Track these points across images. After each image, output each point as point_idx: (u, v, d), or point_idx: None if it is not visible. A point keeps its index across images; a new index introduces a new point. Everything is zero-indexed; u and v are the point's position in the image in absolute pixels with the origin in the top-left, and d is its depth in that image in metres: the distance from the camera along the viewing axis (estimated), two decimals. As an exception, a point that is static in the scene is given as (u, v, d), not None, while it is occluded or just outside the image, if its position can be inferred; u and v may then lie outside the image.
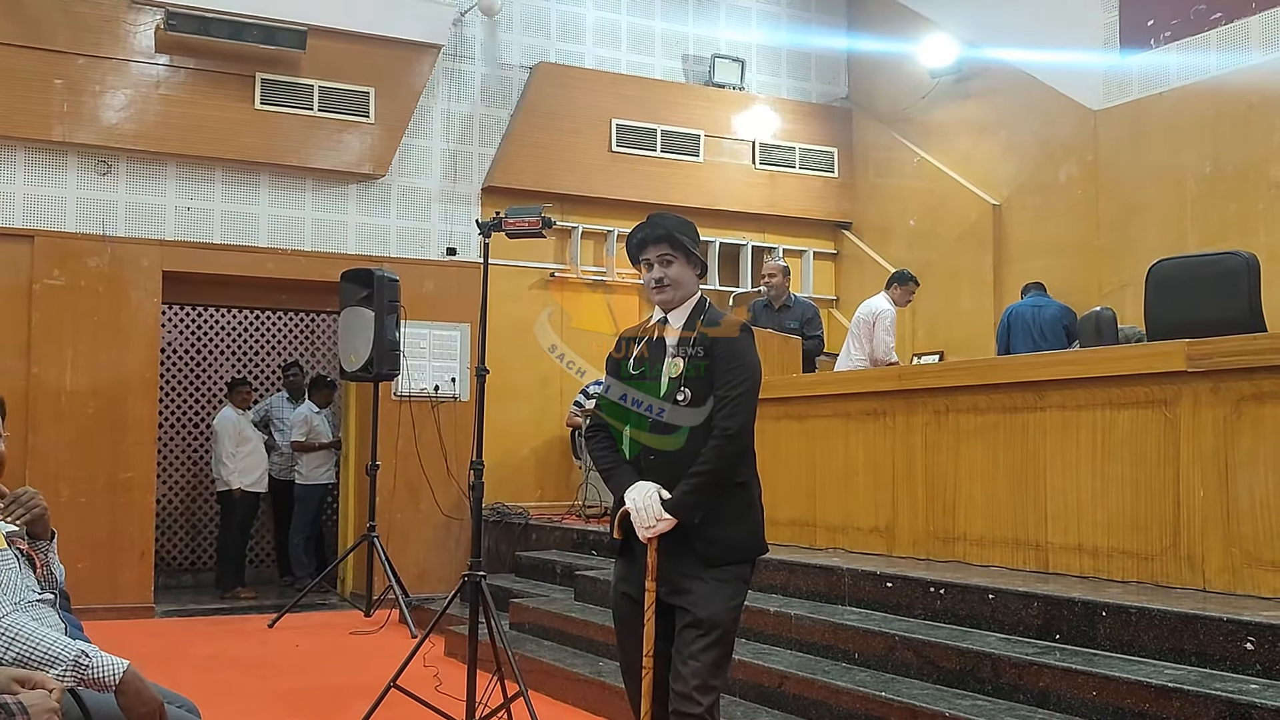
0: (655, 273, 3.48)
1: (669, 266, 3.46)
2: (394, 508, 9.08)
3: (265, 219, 9.07)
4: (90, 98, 8.44)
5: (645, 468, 3.40)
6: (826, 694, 4.60)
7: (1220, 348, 4.40)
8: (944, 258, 10.19)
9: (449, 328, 9.47)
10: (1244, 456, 4.31)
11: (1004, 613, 4.59)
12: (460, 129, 9.79)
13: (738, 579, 3.36)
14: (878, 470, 6.04)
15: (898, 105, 10.87)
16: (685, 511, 3.28)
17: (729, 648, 3.36)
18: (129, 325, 8.54)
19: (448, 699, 5.22)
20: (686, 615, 3.30)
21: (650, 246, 3.49)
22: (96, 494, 8.27)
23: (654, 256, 3.48)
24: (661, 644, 3.35)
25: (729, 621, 3.31)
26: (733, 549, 3.36)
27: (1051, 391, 5.11)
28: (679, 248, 3.47)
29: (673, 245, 3.46)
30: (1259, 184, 7.87)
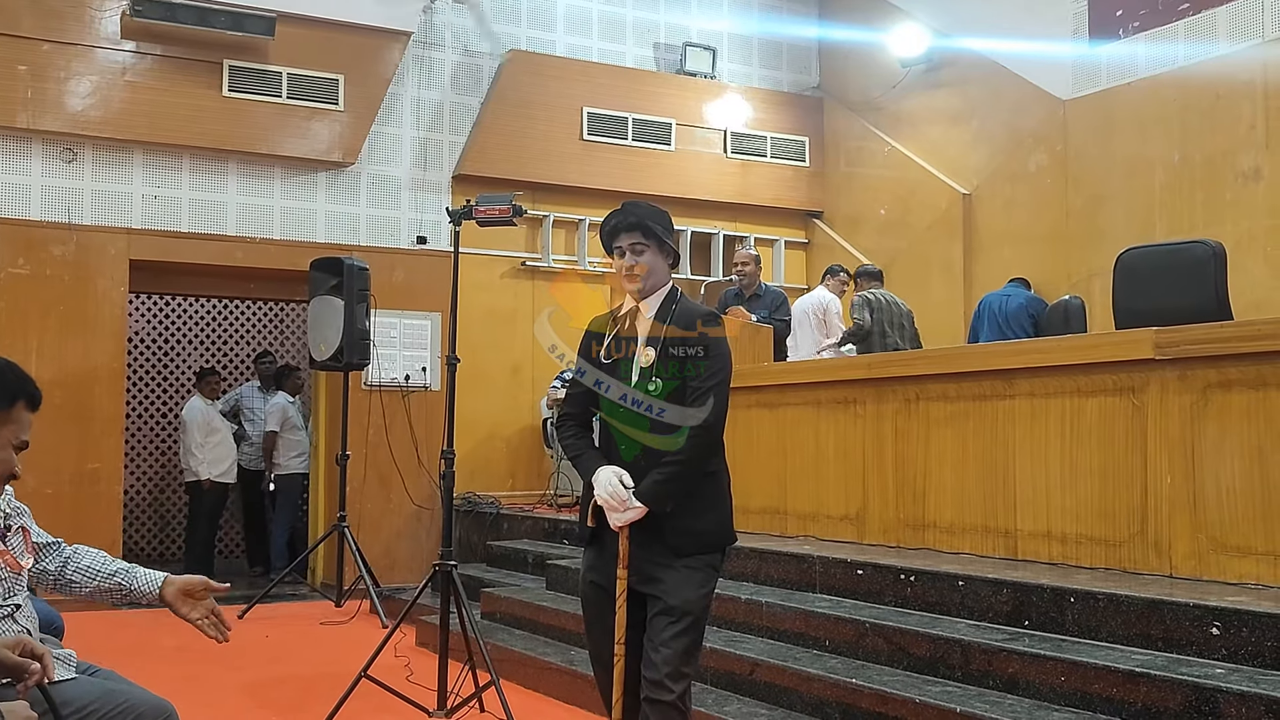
0: (627, 260, 3.48)
1: (641, 255, 3.47)
2: (364, 498, 9.05)
3: (233, 207, 8.99)
4: (55, 84, 8.34)
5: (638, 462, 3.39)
6: (798, 681, 4.62)
7: (1187, 336, 4.44)
8: (914, 246, 10.23)
9: (419, 317, 9.43)
10: (1210, 444, 4.35)
11: (974, 600, 4.61)
12: (430, 117, 9.74)
13: (708, 567, 3.39)
14: (848, 458, 6.06)
15: (869, 94, 10.89)
16: (657, 501, 3.29)
17: (700, 635, 3.39)
18: (95, 315, 8.46)
19: (419, 689, 5.21)
20: (658, 603, 3.31)
21: (623, 234, 3.49)
22: (63, 485, 8.19)
23: (626, 244, 3.49)
24: (632, 633, 3.36)
25: (700, 609, 3.33)
26: (703, 538, 3.38)
27: (1020, 380, 5.13)
28: (651, 236, 3.47)
29: (645, 234, 3.47)
30: (1226, 173, 7.93)
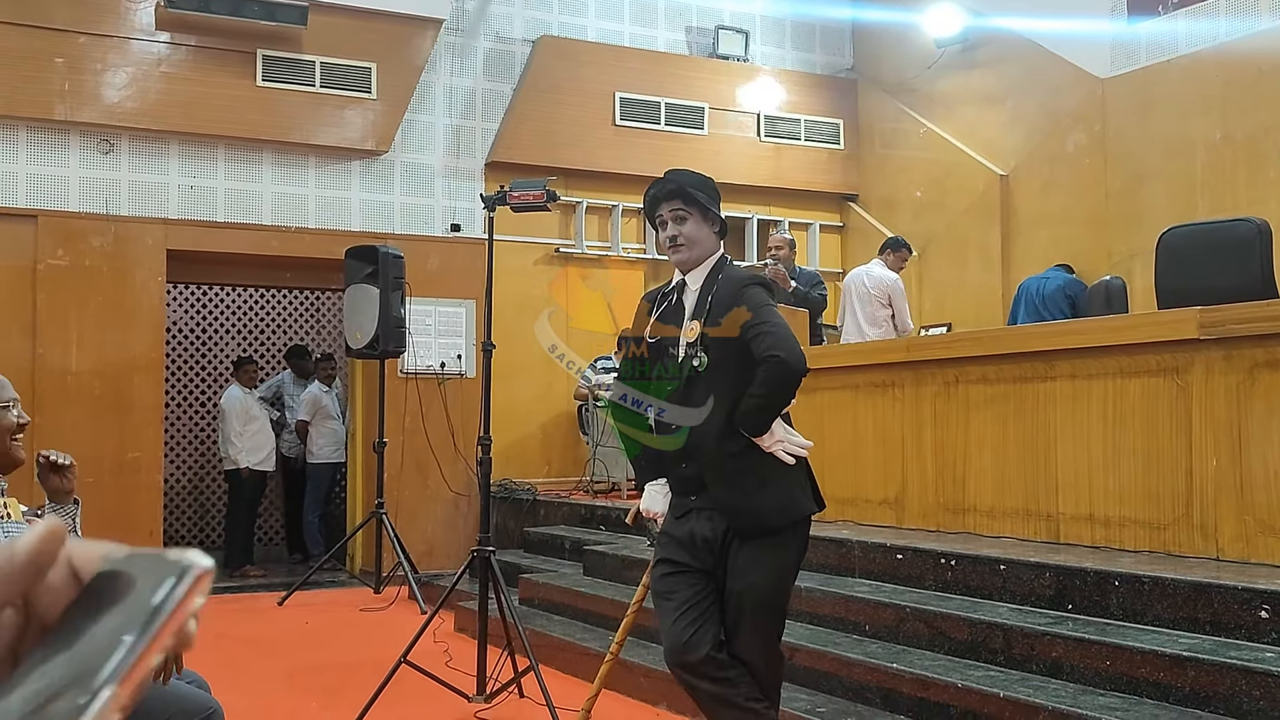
0: (670, 230, 3.34)
1: (683, 224, 3.33)
2: (402, 485, 9.07)
3: (269, 197, 9.03)
4: (91, 76, 8.39)
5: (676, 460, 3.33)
6: (838, 666, 4.59)
7: (1233, 315, 4.36)
8: (951, 229, 10.14)
9: (454, 304, 9.44)
10: (1257, 424, 4.28)
11: (1015, 583, 4.57)
12: (463, 104, 9.74)
13: (779, 546, 3.26)
14: (887, 442, 6.02)
15: (903, 76, 10.78)
16: (750, 426, 3.19)
17: (773, 619, 3.29)
18: (134, 305, 8.52)
19: (458, 674, 5.23)
20: (729, 587, 3.25)
21: (663, 203, 3.35)
22: (104, 474, 8.26)
23: (667, 213, 3.34)
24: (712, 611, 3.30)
25: (768, 591, 3.23)
26: (765, 517, 3.24)
27: (1061, 361, 5.07)
28: (693, 203, 3.33)
29: (685, 200, 3.32)
30: (1270, 151, 7.80)
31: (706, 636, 3.20)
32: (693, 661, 3.20)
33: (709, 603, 3.26)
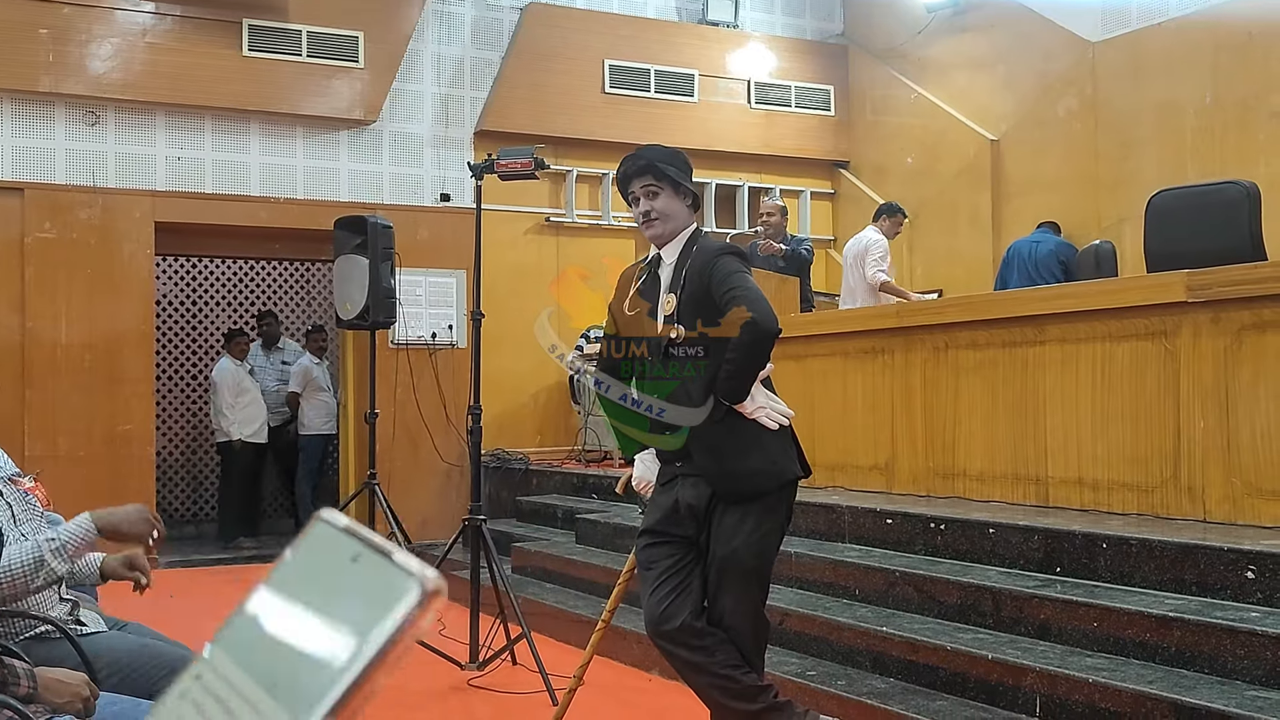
0: (642, 206, 3.38)
1: (655, 199, 3.36)
2: (394, 456, 9.08)
3: (256, 168, 8.99)
4: (76, 47, 8.33)
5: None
6: (828, 630, 4.62)
7: (1221, 277, 4.37)
8: (942, 195, 10.12)
9: (445, 275, 9.42)
10: (1245, 387, 4.29)
11: (1004, 547, 4.59)
12: (451, 72, 9.68)
13: (763, 511, 3.25)
14: (877, 408, 6.03)
15: (894, 41, 10.73)
16: (728, 392, 3.19)
17: (756, 584, 3.30)
18: (123, 278, 8.49)
19: (452, 643, 5.25)
20: (713, 552, 3.26)
21: (634, 179, 3.39)
22: (95, 447, 8.26)
23: (639, 189, 3.38)
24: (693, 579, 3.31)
25: (750, 557, 3.23)
26: (748, 481, 3.24)
27: (1051, 325, 5.08)
28: (664, 178, 3.36)
29: (656, 176, 3.36)
30: (1259, 114, 7.79)
31: (685, 606, 3.23)
32: (670, 630, 3.23)
33: (688, 572, 3.29)
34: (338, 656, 0.52)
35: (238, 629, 0.55)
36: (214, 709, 0.51)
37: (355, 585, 0.54)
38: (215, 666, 0.54)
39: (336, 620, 0.53)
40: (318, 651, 0.52)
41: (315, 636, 0.53)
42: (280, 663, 0.52)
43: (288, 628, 0.54)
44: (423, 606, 0.53)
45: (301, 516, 10.03)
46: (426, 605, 0.54)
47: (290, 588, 0.56)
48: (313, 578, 0.55)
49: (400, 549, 0.56)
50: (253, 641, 0.54)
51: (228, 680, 0.53)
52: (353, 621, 0.53)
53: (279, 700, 0.51)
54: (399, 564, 0.54)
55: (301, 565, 0.57)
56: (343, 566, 0.55)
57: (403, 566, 0.54)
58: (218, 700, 0.52)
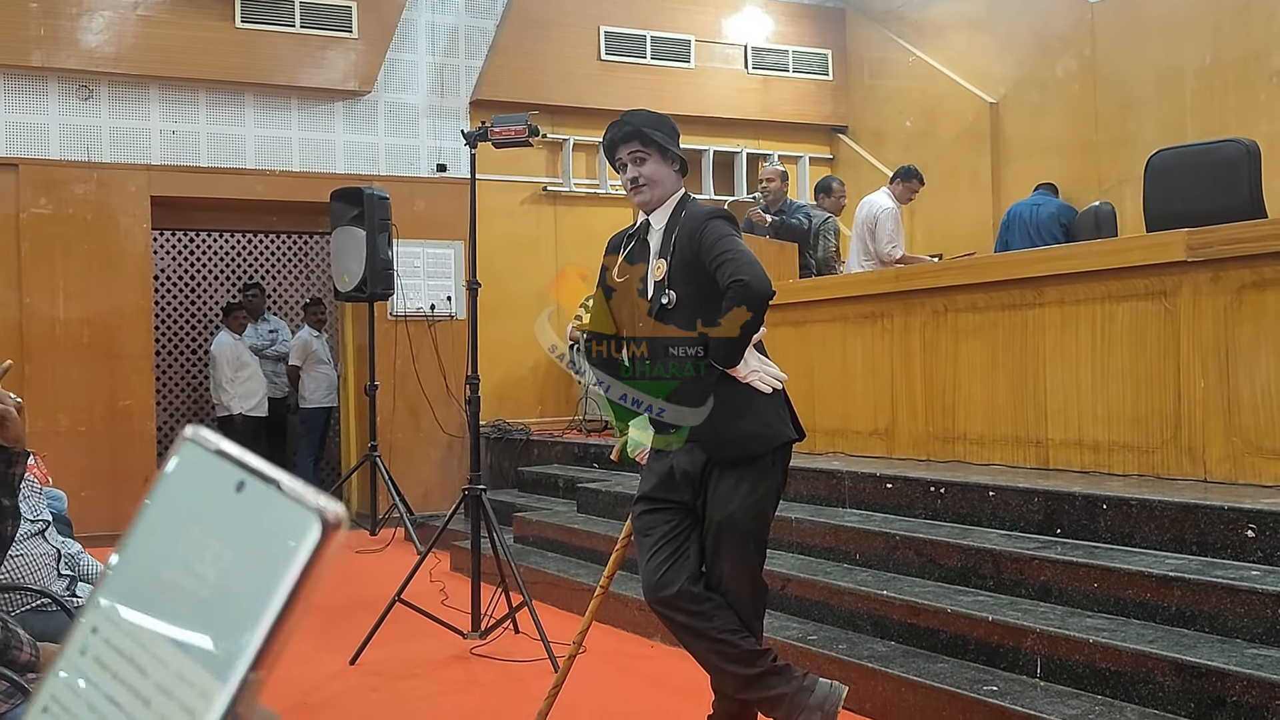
0: (629, 173, 3.36)
1: (642, 165, 3.34)
2: (395, 427, 9.08)
3: (251, 140, 8.94)
4: (68, 21, 8.27)
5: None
6: (828, 594, 4.62)
7: (1220, 236, 4.34)
8: (941, 158, 10.06)
9: (442, 245, 9.38)
10: (1245, 345, 4.28)
11: (1005, 510, 4.59)
12: (446, 41, 9.61)
13: (758, 475, 3.25)
14: (876, 373, 6.02)
15: (891, 4, 10.64)
16: (721, 356, 3.18)
17: (757, 547, 3.31)
18: (120, 253, 8.47)
19: (454, 612, 5.26)
20: (710, 517, 3.26)
21: (621, 146, 3.37)
22: (96, 422, 8.26)
23: (626, 155, 3.36)
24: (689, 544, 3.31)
25: (747, 520, 3.23)
26: (742, 445, 3.24)
27: (1050, 287, 5.06)
28: (651, 144, 3.34)
29: (643, 142, 3.34)
30: (1259, 74, 7.72)
31: (681, 572, 3.23)
32: (666, 596, 3.24)
33: (685, 538, 3.29)
34: (244, 607, 0.48)
35: (128, 573, 0.50)
36: (123, 667, 0.48)
37: (245, 520, 0.49)
38: (111, 618, 0.49)
39: (235, 566, 0.49)
40: (224, 601, 0.48)
41: (217, 584, 0.49)
42: (183, 614, 0.48)
43: (182, 574, 0.49)
44: (326, 541, 0.50)
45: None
46: (330, 540, 0.50)
47: (174, 525, 0.50)
48: (195, 512, 0.50)
49: (289, 476, 0.51)
50: (148, 590, 0.49)
51: (131, 635, 0.49)
52: (252, 566, 0.49)
53: (192, 656, 0.47)
54: (290, 494, 0.50)
55: (179, 497, 0.51)
56: (227, 497, 0.50)
57: (296, 497, 0.50)
58: (123, 656, 0.49)
